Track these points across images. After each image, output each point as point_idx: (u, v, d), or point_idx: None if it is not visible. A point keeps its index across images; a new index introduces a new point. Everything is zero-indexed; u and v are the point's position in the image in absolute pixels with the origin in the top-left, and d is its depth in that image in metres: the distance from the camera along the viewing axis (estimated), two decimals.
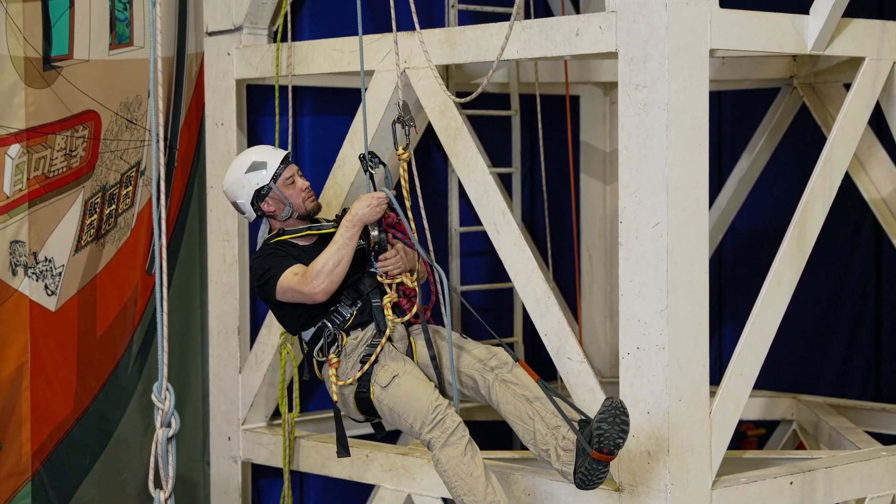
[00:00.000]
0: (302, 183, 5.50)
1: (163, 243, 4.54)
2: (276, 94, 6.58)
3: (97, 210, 6.62)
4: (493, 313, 8.08)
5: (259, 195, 5.45)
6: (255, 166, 5.47)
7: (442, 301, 5.28)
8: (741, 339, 5.47)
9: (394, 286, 5.34)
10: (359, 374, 5.25)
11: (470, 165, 5.80)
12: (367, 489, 6.76)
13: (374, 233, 5.31)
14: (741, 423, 6.52)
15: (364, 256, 5.37)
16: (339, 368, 5.31)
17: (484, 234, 5.90)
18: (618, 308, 5.31)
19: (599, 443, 4.90)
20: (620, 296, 5.27)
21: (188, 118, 6.97)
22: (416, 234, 5.35)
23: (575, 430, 5.04)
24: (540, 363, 8.11)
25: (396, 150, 5.35)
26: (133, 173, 6.76)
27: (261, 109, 6.96)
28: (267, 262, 5.34)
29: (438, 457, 5.09)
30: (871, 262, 9.00)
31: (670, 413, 5.14)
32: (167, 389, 4.52)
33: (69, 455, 6.55)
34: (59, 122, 6.45)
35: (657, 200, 5.11)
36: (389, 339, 5.31)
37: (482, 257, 7.76)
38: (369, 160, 5.37)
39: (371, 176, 5.38)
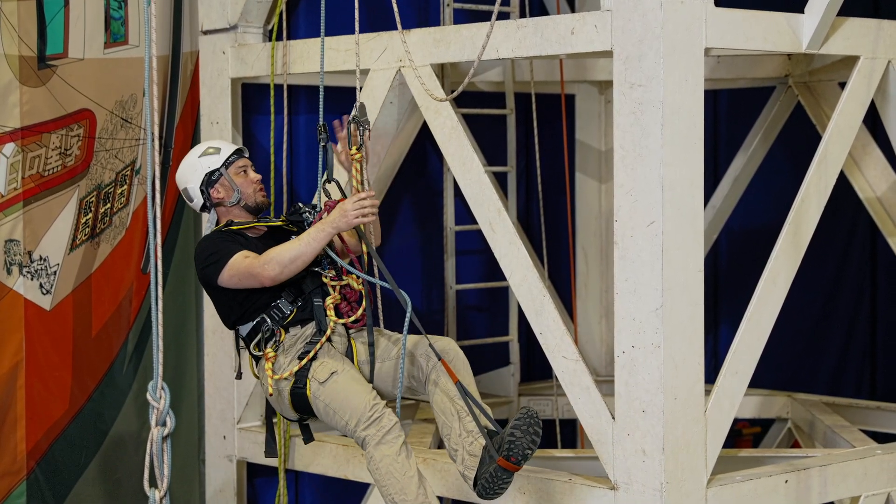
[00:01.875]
0: (254, 175, 5.47)
1: (158, 242, 4.52)
2: (272, 92, 6.58)
3: (92, 209, 6.62)
4: (488, 312, 8.08)
5: (209, 180, 5.40)
6: (209, 152, 5.46)
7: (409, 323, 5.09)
8: (736, 337, 5.47)
9: (337, 288, 5.27)
10: (296, 369, 5.15)
11: (465, 164, 5.80)
12: (362, 487, 6.76)
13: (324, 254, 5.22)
14: (736, 421, 6.52)
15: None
16: (276, 363, 5.22)
17: (479, 232, 5.89)
18: (613, 307, 5.30)
19: (509, 450, 4.84)
20: (615, 294, 5.27)
21: (183, 117, 6.96)
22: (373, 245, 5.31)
23: (485, 434, 4.97)
24: (535, 362, 8.14)
25: (350, 149, 5.32)
26: (128, 172, 6.76)
27: (256, 108, 6.96)
28: (215, 245, 5.26)
29: (372, 454, 5.01)
30: (867, 261, 9.01)
31: (665, 411, 5.14)
32: (162, 388, 4.50)
33: (64, 454, 6.54)
34: (53, 120, 6.44)
35: (652, 199, 5.11)
36: (329, 340, 5.24)
37: (477, 256, 7.76)
38: (322, 132, 5.31)
39: (324, 149, 5.33)
